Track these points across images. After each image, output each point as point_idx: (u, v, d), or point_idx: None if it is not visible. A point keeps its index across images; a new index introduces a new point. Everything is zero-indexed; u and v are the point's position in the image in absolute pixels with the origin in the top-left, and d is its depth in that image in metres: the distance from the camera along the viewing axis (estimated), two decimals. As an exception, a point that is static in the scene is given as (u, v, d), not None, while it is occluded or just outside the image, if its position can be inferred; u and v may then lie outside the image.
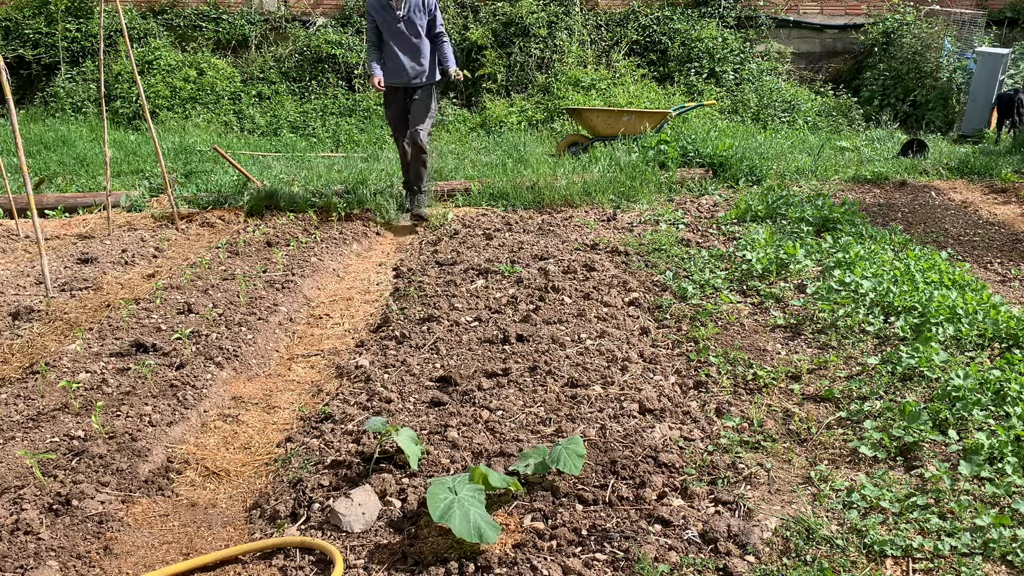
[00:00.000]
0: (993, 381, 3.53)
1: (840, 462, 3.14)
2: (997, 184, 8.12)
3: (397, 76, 6.91)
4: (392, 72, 6.93)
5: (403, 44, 6.88)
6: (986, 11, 12.85)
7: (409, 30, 6.86)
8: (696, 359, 4.01)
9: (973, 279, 4.98)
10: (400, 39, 6.87)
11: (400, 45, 6.88)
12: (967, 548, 2.59)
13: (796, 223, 6.26)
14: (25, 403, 3.59)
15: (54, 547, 2.64)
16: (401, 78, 6.94)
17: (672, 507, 2.77)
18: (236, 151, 9.46)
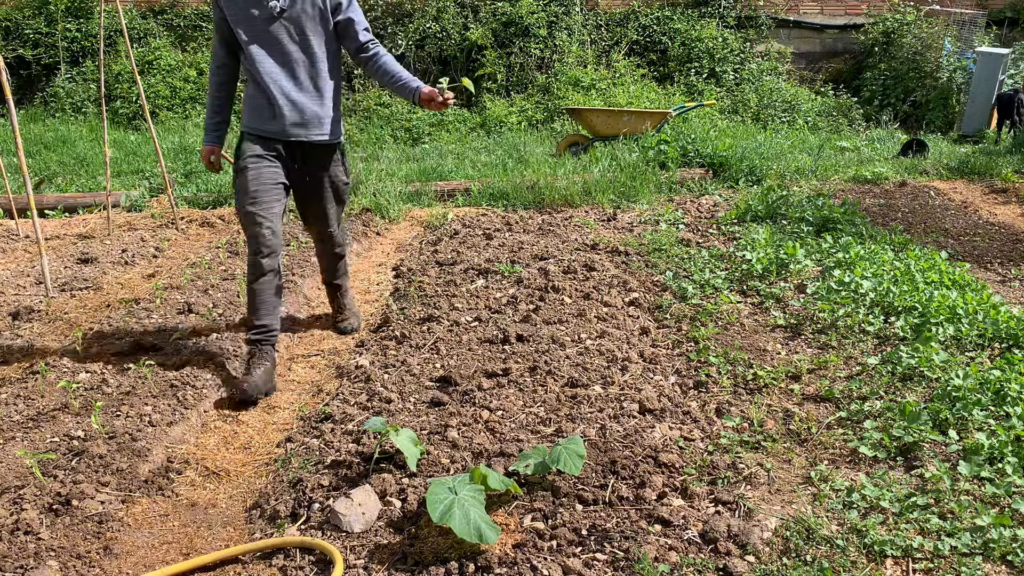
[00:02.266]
0: (993, 381, 3.53)
1: (840, 462, 3.14)
2: (997, 184, 8.12)
3: (272, 121, 3.91)
4: (259, 114, 3.92)
5: (282, 65, 3.88)
6: (986, 11, 12.85)
7: (294, 39, 3.87)
8: (696, 359, 4.01)
9: (973, 279, 4.98)
10: (276, 55, 3.86)
11: (277, 67, 3.87)
12: (967, 548, 2.59)
13: (796, 223, 6.26)
14: (25, 403, 3.59)
15: (54, 547, 2.64)
16: (278, 125, 3.90)
17: (672, 507, 2.78)
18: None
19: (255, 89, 3.89)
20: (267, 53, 3.83)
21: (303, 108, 3.91)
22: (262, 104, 3.88)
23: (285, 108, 3.86)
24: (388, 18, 12.31)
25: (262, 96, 3.88)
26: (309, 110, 3.92)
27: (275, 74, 3.85)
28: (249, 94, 3.93)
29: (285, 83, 3.87)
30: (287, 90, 3.87)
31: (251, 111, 3.92)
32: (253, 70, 3.85)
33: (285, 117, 3.87)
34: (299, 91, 3.89)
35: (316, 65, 3.91)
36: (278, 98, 3.85)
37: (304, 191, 4.16)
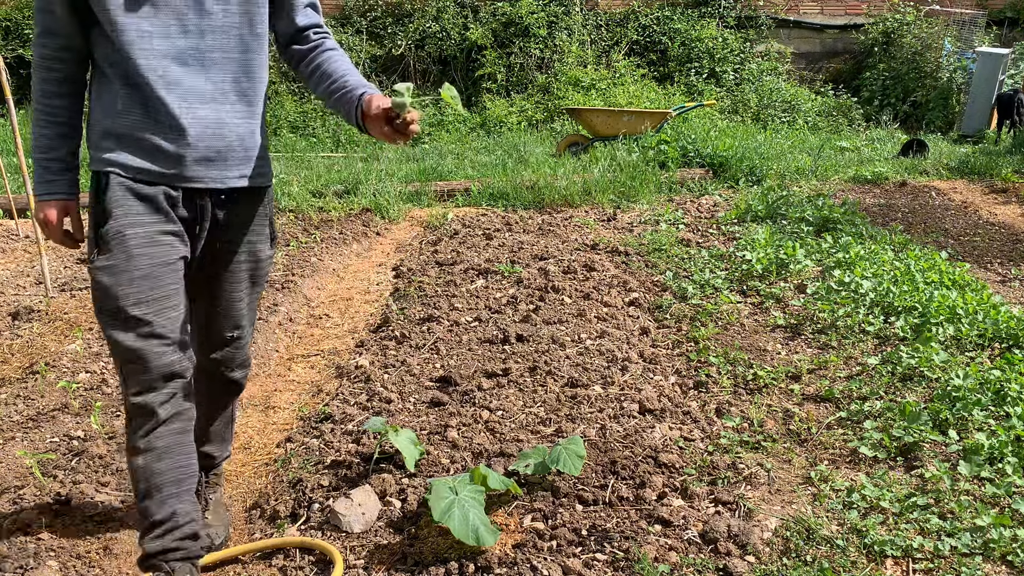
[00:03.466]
0: (993, 381, 3.53)
1: (840, 462, 3.13)
2: (997, 184, 8.12)
3: (161, 153, 2.21)
4: (136, 140, 2.21)
5: (185, 52, 2.19)
6: (986, 11, 12.85)
7: (208, 6, 2.20)
8: (696, 359, 4.01)
9: (973, 279, 4.98)
10: (175, 31, 2.17)
11: (174, 54, 2.18)
12: (967, 548, 2.58)
13: (796, 223, 6.26)
14: (25, 403, 3.59)
15: (54, 547, 2.64)
16: (173, 160, 2.22)
17: (672, 507, 2.77)
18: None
19: (128, 95, 2.15)
20: (157, 28, 2.12)
21: (223, 128, 2.24)
22: (141, 122, 2.16)
23: (191, 129, 2.18)
24: (388, 18, 12.31)
25: (141, 107, 2.15)
26: (233, 132, 2.26)
27: (171, 67, 2.14)
28: (113, 105, 2.17)
29: (190, 82, 2.17)
30: (193, 95, 2.18)
31: (119, 135, 2.18)
32: (127, 61, 2.12)
33: (190, 146, 2.19)
34: (215, 99, 2.22)
35: (249, 54, 2.25)
36: (176, 110, 2.15)
37: (204, 271, 2.43)
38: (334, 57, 2.42)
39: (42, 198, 2.29)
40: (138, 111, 2.16)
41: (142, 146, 2.18)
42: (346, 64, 2.41)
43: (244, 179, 2.33)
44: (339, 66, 2.39)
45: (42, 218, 2.30)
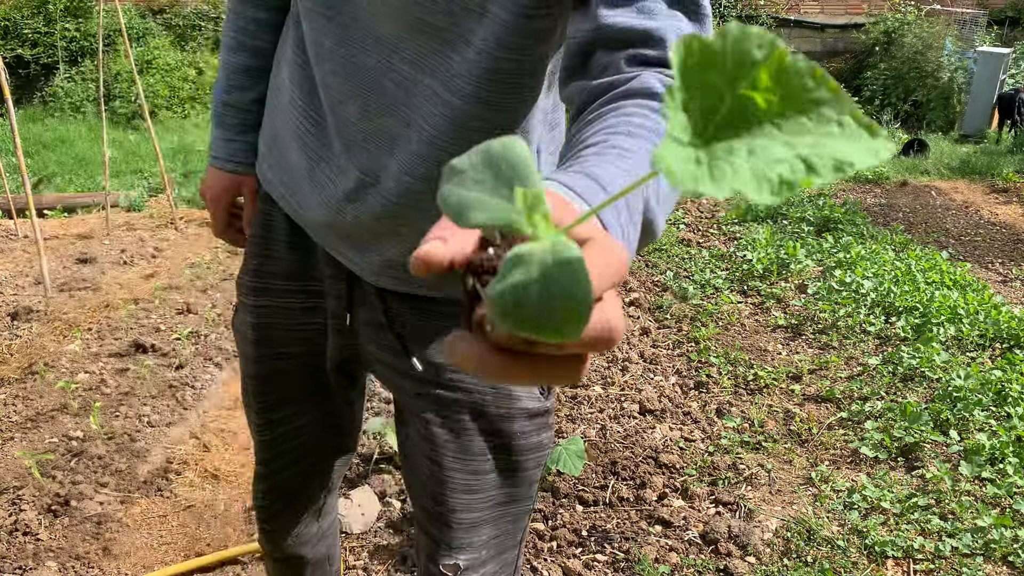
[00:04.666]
0: (994, 381, 3.53)
1: (841, 463, 3.13)
2: (998, 184, 8.11)
3: (304, 189, 1.24)
4: (290, 154, 1.25)
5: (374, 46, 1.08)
6: (987, 11, 12.84)
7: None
8: (697, 359, 4.01)
9: (974, 279, 4.97)
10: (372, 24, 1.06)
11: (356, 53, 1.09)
12: (968, 549, 2.58)
13: (797, 223, 6.25)
14: (24, 403, 3.58)
15: (53, 548, 2.63)
16: (316, 204, 1.22)
17: (673, 508, 2.77)
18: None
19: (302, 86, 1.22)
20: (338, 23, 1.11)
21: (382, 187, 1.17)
22: (300, 129, 1.24)
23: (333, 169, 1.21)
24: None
25: (305, 111, 1.23)
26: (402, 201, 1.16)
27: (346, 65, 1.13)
28: (278, 80, 1.30)
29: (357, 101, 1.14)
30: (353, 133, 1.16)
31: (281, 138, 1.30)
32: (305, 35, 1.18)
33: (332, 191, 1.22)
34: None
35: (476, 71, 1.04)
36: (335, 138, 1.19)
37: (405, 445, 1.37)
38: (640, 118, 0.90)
39: (212, 162, 1.48)
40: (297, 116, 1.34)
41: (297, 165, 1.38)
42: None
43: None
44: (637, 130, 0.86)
45: (202, 192, 1.52)
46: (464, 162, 0.48)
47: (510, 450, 1.29)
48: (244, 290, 1.43)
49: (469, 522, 1.30)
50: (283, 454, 1.52)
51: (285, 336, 1.41)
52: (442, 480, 1.28)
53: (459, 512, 1.29)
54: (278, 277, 1.37)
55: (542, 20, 1.00)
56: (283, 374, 1.44)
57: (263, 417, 1.49)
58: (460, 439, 1.28)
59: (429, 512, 1.32)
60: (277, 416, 1.48)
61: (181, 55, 11.94)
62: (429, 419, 1.28)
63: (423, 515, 1.35)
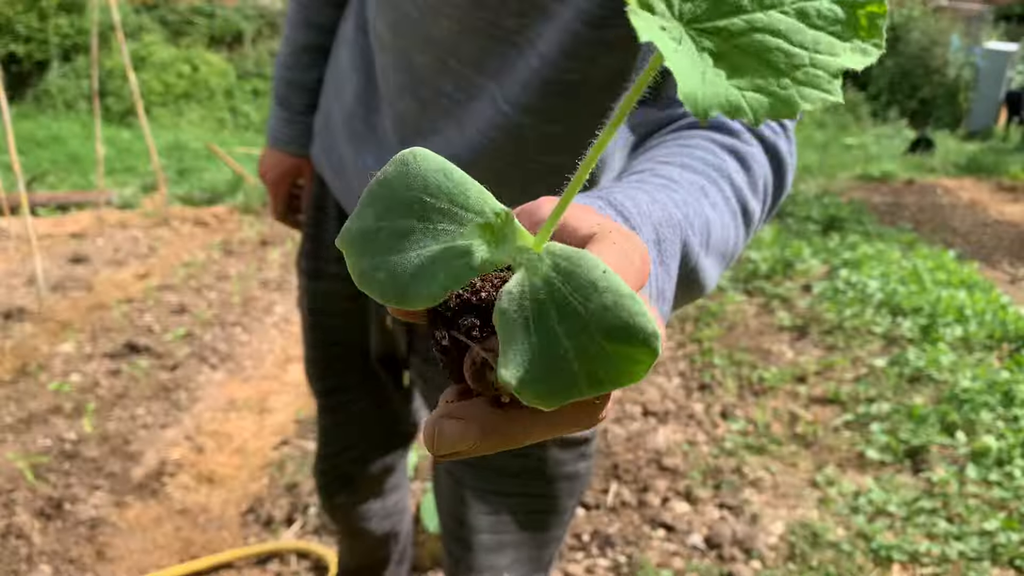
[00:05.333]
0: (1002, 383, 3.49)
1: (846, 465, 3.09)
2: (1006, 182, 8.07)
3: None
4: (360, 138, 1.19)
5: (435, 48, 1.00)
6: (994, 7, 12.79)
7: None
8: (701, 361, 3.96)
9: (981, 279, 4.93)
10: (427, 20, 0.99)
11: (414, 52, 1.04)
12: (975, 553, 2.55)
13: (802, 221, 6.21)
14: (16, 405, 3.55)
15: (46, 551, 2.61)
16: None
17: (676, 512, 2.74)
18: (230, 148, 9.43)
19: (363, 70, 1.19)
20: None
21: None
22: (346, 104, 1.22)
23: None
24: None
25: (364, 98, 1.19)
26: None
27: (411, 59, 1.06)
28: (339, 58, 1.27)
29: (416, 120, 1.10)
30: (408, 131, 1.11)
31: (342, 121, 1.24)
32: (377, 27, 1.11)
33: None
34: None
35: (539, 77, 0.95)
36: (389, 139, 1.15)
37: None
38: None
39: (272, 144, 1.42)
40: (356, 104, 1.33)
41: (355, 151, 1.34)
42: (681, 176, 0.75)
43: None
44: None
45: (261, 174, 1.45)
46: (366, 216, 0.38)
47: (542, 476, 1.22)
48: (301, 272, 1.43)
49: (492, 544, 1.24)
50: (340, 438, 1.57)
51: (336, 322, 1.41)
52: (466, 499, 1.23)
53: (481, 533, 1.23)
54: (331, 261, 1.36)
55: (613, 30, 0.90)
56: (338, 360, 1.45)
57: (322, 400, 1.54)
58: (485, 458, 1.20)
59: (451, 532, 1.28)
60: (335, 400, 1.52)
61: (175, 51, 11.93)
62: None
63: (446, 534, 1.30)
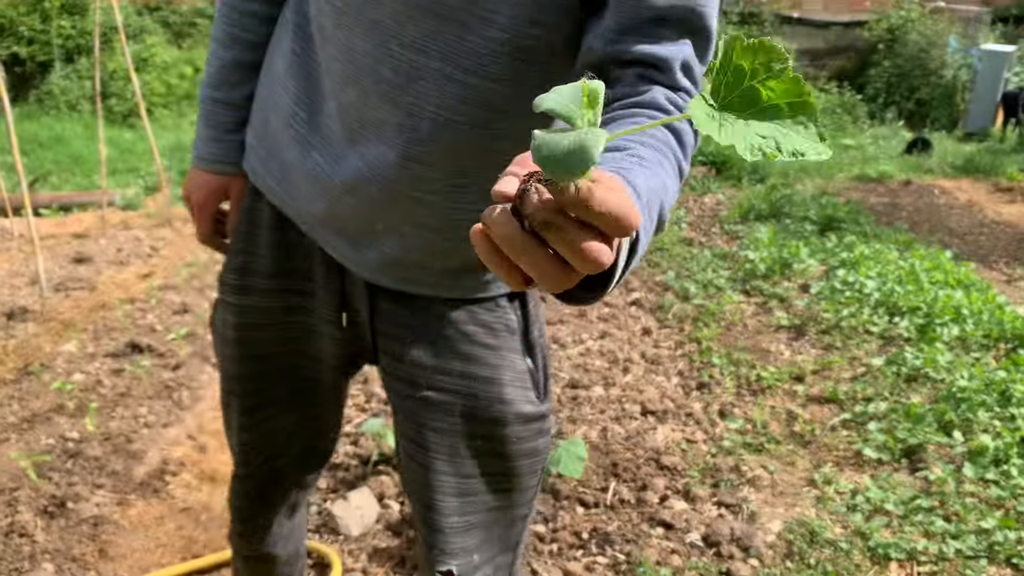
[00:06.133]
0: (998, 382, 3.50)
1: (844, 464, 3.11)
2: (1003, 183, 8.08)
3: (301, 181, 1.22)
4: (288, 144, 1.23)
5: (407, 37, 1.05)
6: (991, 8, 12.80)
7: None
8: (699, 360, 3.98)
9: (978, 279, 4.94)
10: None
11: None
12: (972, 551, 2.56)
13: (800, 222, 6.23)
14: (19, 404, 3.56)
15: (49, 550, 2.62)
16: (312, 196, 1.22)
17: (674, 510, 2.75)
18: (234, 149, 9.44)
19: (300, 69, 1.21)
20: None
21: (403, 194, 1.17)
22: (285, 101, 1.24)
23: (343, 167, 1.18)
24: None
25: (303, 96, 1.22)
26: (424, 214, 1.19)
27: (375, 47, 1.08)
28: (273, 54, 1.29)
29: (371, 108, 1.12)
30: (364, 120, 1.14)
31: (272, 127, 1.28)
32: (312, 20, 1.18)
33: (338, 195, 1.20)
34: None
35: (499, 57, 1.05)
36: (340, 123, 1.17)
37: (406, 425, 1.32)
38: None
39: (198, 163, 1.39)
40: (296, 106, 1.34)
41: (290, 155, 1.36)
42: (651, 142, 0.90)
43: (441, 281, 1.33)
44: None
45: (186, 196, 1.41)
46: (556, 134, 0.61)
47: (503, 455, 1.27)
48: (226, 289, 1.38)
49: (461, 526, 1.28)
50: (262, 452, 1.50)
51: (268, 336, 1.37)
52: (432, 484, 1.27)
53: (451, 516, 1.27)
54: (262, 275, 1.33)
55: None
56: (266, 374, 1.41)
57: (245, 418, 1.46)
58: (450, 442, 1.26)
59: (421, 517, 1.31)
60: (259, 416, 1.46)
61: (178, 52, 11.93)
62: (420, 422, 1.27)
63: (418, 519, 1.33)
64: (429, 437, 1.26)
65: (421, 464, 1.28)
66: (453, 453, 1.26)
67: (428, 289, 1.24)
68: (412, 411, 1.28)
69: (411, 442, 1.30)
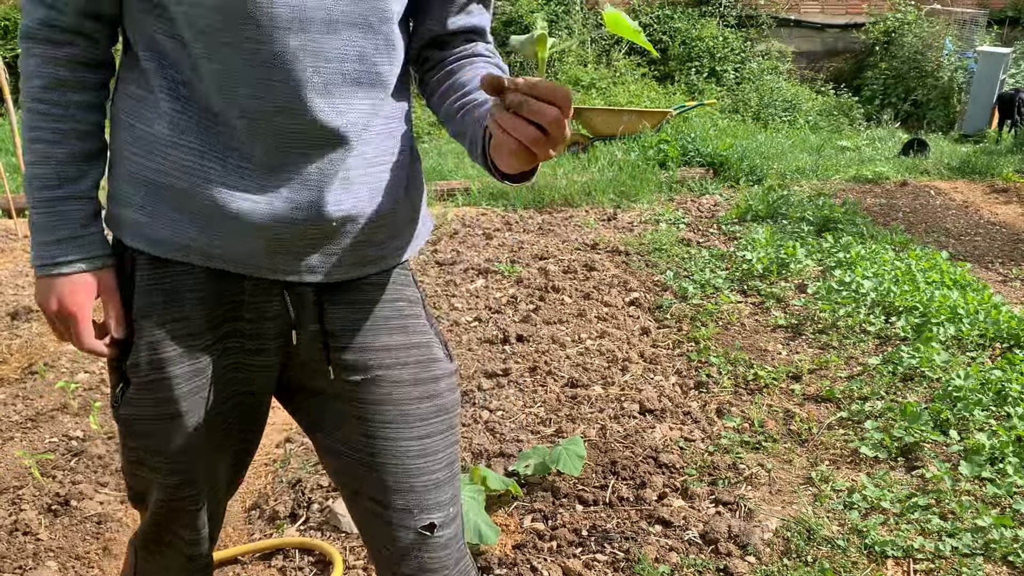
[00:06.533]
0: (994, 381, 3.52)
1: (841, 462, 3.13)
2: (998, 184, 8.11)
3: (233, 221, 1.23)
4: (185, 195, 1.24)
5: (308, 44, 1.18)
6: (987, 10, 12.83)
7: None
8: (697, 359, 4.00)
9: (974, 279, 4.97)
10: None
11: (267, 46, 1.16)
12: (968, 549, 2.58)
13: (797, 223, 6.25)
14: (24, 403, 3.58)
15: (53, 548, 2.63)
16: (252, 232, 1.24)
17: (673, 508, 2.77)
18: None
19: (182, 112, 1.24)
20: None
21: (335, 187, 1.28)
22: (191, 160, 1.24)
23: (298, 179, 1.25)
24: (388, 17, 12.29)
25: (200, 135, 1.23)
26: (353, 197, 1.30)
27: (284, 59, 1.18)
28: (146, 120, 1.26)
29: (288, 119, 1.22)
30: (294, 136, 1.23)
31: (160, 184, 1.27)
32: (198, 58, 1.20)
33: (279, 210, 1.25)
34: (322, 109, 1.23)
35: (390, 49, 1.29)
36: (266, 153, 1.24)
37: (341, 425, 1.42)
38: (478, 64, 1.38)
39: (56, 270, 1.30)
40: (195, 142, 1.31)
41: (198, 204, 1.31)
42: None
43: (390, 252, 1.46)
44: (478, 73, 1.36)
45: (56, 309, 1.31)
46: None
47: (444, 409, 1.43)
48: (150, 368, 1.32)
49: (432, 483, 1.41)
50: (202, 520, 1.50)
51: (216, 389, 1.37)
52: (399, 453, 1.38)
53: (422, 476, 1.40)
54: (197, 336, 1.32)
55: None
56: (207, 428, 1.39)
57: (190, 489, 1.43)
58: (402, 411, 1.38)
59: (390, 490, 1.39)
60: (201, 479, 1.44)
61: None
62: (377, 400, 1.38)
63: (395, 493, 1.40)
64: (388, 411, 1.38)
65: (389, 437, 1.38)
66: (408, 420, 1.38)
67: (371, 267, 1.37)
68: (363, 395, 1.38)
69: (361, 430, 1.39)
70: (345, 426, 1.40)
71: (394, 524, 1.40)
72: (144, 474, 1.42)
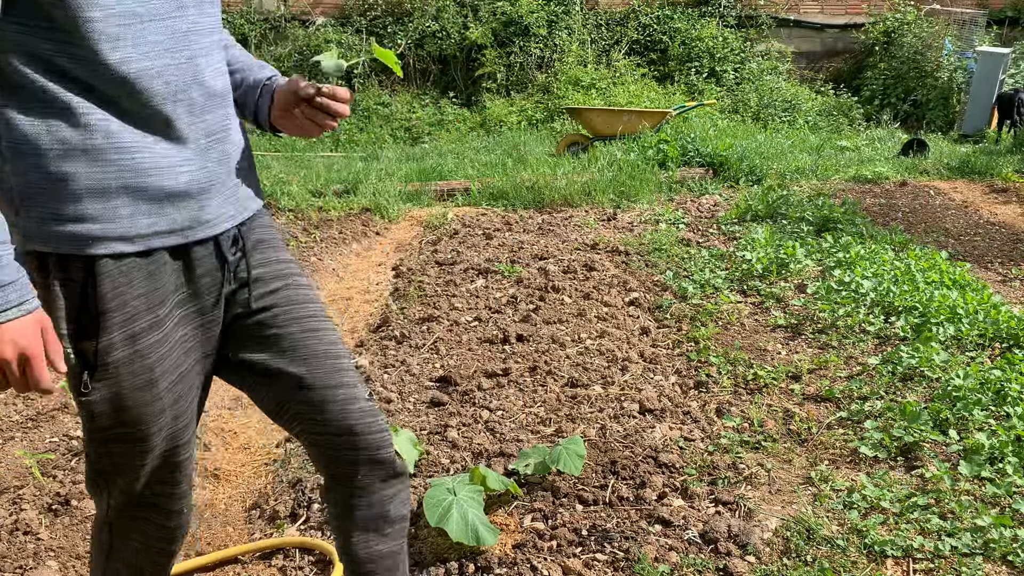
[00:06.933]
0: (994, 381, 3.53)
1: (840, 462, 3.13)
2: (998, 184, 8.11)
3: (168, 199, 1.46)
4: (119, 187, 1.40)
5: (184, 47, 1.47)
6: (987, 10, 12.84)
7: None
8: (696, 359, 4.01)
9: (974, 279, 4.97)
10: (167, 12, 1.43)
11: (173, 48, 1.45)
12: (968, 548, 2.58)
13: (796, 223, 6.25)
14: (24, 403, 3.59)
15: (53, 547, 2.64)
16: (185, 201, 1.48)
17: (672, 507, 2.77)
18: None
19: (99, 119, 1.40)
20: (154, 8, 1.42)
21: (228, 139, 1.60)
22: (128, 157, 1.42)
23: (196, 150, 1.51)
24: (388, 17, 12.30)
25: (123, 132, 1.41)
26: (236, 140, 1.63)
27: (174, 66, 1.47)
28: (67, 137, 1.38)
29: (193, 90, 1.50)
30: (197, 104, 1.52)
31: (89, 187, 1.39)
32: (107, 59, 1.38)
33: (206, 170, 1.53)
34: (213, 105, 1.56)
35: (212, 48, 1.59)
36: (183, 127, 1.49)
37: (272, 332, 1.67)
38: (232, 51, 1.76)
39: (14, 313, 1.32)
40: (119, 140, 1.44)
41: (132, 190, 1.44)
42: (243, 54, 1.78)
43: (256, 200, 1.72)
44: (235, 54, 1.76)
45: (12, 354, 1.31)
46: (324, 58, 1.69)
47: (325, 316, 1.79)
48: (124, 345, 1.48)
49: (355, 374, 1.76)
50: (187, 486, 1.75)
51: (184, 354, 1.60)
52: (335, 350, 1.73)
53: (350, 370, 1.74)
54: (159, 307, 1.52)
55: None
56: (180, 383, 1.60)
57: (184, 472, 1.73)
58: (318, 308, 1.74)
59: (331, 371, 1.70)
60: (185, 453, 1.69)
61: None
62: (301, 303, 1.72)
63: (325, 387, 1.69)
64: (312, 311, 1.73)
65: (324, 343, 1.71)
66: (318, 314, 1.74)
67: (254, 203, 1.69)
68: (296, 301, 1.71)
69: (298, 318, 1.70)
70: (273, 337, 1.68)
71: (337, 410, 1.69)
72: (117, 449, 1.55)
